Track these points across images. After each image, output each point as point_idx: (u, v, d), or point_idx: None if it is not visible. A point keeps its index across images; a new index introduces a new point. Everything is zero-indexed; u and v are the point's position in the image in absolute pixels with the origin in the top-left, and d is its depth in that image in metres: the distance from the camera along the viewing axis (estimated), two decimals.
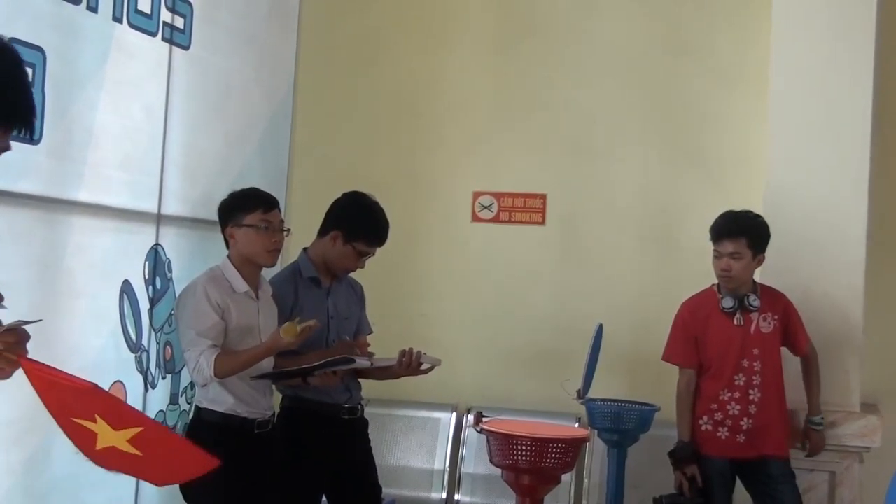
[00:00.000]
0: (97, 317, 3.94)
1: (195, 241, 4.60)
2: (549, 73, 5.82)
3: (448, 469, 5.57)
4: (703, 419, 4.47)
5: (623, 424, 4.65)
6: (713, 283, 4.55)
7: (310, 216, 4.23)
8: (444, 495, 5.52)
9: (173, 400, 4.51)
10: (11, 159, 2.17)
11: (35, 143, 3.41)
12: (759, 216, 4.50)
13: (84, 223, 3.84)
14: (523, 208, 5.83)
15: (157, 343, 4.37)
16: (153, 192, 4.34)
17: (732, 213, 4.48)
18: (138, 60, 4.16)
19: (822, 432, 4.62)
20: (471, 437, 5.50)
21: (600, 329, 4.84)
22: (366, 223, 4.04)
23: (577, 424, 5.22)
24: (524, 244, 5.81)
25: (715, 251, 4.45)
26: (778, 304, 4.51)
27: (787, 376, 4.52)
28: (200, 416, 3.62)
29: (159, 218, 4.37)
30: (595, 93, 5.75)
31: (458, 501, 5.51)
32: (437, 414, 5.69)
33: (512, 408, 5.40)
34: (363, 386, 4.24)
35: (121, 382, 4.08)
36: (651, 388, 4.97)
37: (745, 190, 5.19)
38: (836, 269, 4.85)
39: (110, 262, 4.00)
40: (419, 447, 5.63)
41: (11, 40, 3.25)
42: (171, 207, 4.45)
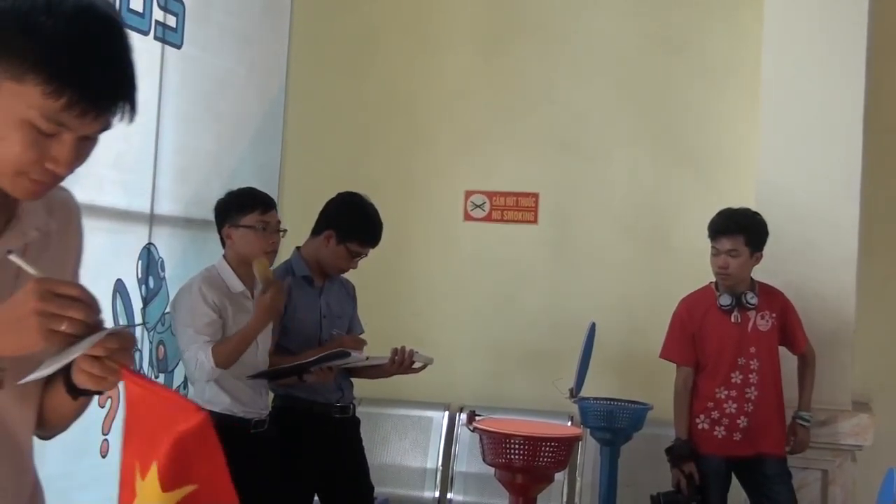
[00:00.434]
0: None
1: (188, 241, 4.60)
2: (540, 72, 5.82)
3: (441, 468, 5.57)
4: (700, 417, 4.46)
5: (616, 423, 4.65)
6: (711, 280, 4.55)
7: (302, 215, 4.24)
8: (437, 494, 5.51)
9: None
10: None
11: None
12: (757, 214, 4.49)
13: None
14: (515, 207, 5.83)
15: (150, 342, 4.36)
16: (146, 192, 4.34)
17: (730, 210, 4.47)
18: None
19: (808, 429, 4.60)
20: (463, 435, 5.49)
21: (593, 328, 4.84)
22: (359, 224, 4.04)
23: (569, 423, 5.22)
24: (516, 243, 5.81)
25: (712, 248, 4.44)
26: (776, 302, 4.51)
27: (785, 375, 4.53)
28: None
29: (152, 217, 4.36)
30: (587, 92, 5.75)
31: (450, 500, 5.51)
32: (429, 413, 5.69)
33: (505, 406, 5.40)
34: (355, 385, 4.24)
35: None
36: (643, 387, 4.98)
37: (736, 189, 5.20)
38: (827, 268, 4.86)
39: (103, 262, 3.99)
40: (412, 446, 5.63)
41: None
42: (164, 207, 4.45)
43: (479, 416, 4.23)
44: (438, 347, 4.71)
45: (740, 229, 4.39)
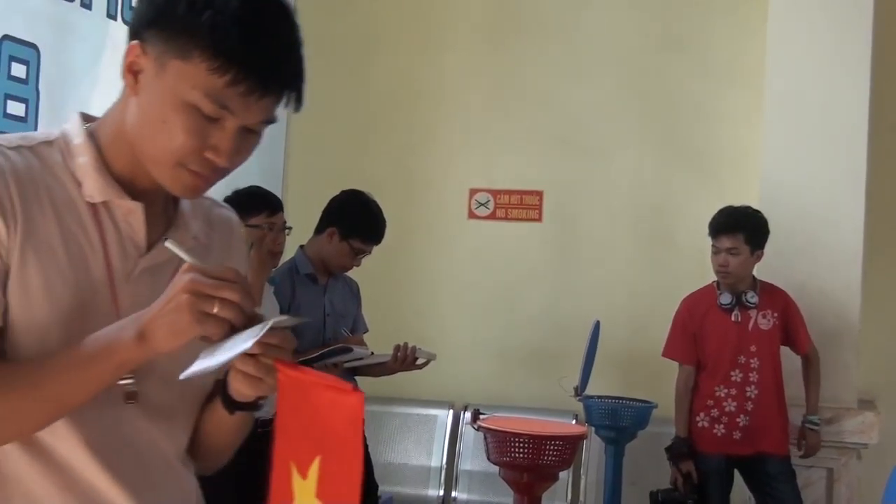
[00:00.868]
0: None
1: None
2: (544, 69, 5.81)
3: (445, 466, 5.56)
4: (700, 415, 4.46)
5: (620, 421, 4.65)
6: (713, 279, 4.55)
7: (306, 213, 4.22)
8: (441, 492, 5.51)
9: None
10: None
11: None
12: (757, 211, 4.48)
13: None
14: (520, 205, 5.82)
15: None
16: None
17: (730, 208, 4.48)
18: None
19: (819, 432, 4.59)
20: (468, 434, 5.49)
21: (597, 326, 4.83)
22: (362, 221, 4.03)
23: (574, 421, 5.22)
24: (521, 241, 5.80)
25: (713, 247, 4.44)
26: (778, 301, 4.50)
27: (786, 374, 4.51)
28: None
29: None
30: (591, 89, 5.74)
31: (455, 499, 5.50)
32: (433, 411, 5.68)
33: (509, 405, 5.40)
34: (359, 383, 4.23)
35: None
36: (648, 385, 4.97)
37: (740, 187, 5.18)
38: (832, 266, 4.85)
39: None
40: (416, 444, 5.63)
41: (5, 37, 3.27)
42: None
43: (483, 414, 4.22)
44: (443, 346, 4.69)
45: (740, 227, 4.38)
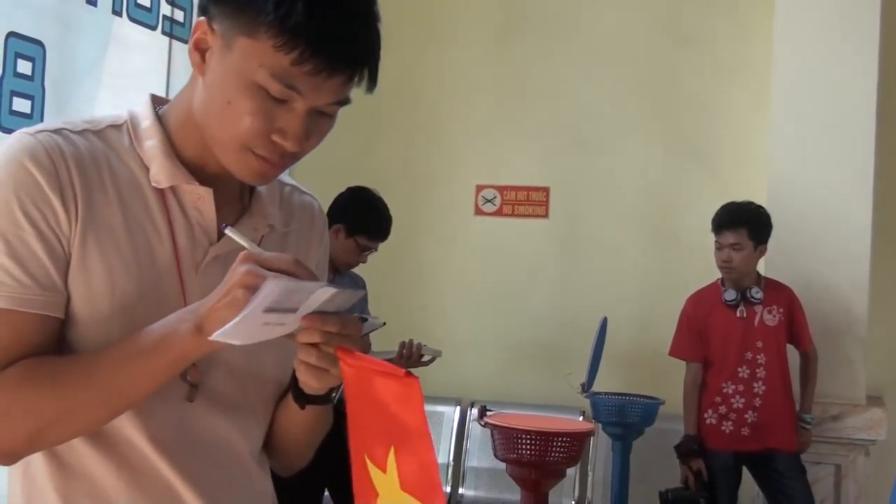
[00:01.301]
0: None
1: None
2: (550, 66, 5.80)
3: (452, 463, 5.56)
4: (708, 413, 4.45)
5: (627, 418, 4.63)
6: (719, 276, 4.54)
7: None
8: (449, 489, 5.50)
9: None
10: None
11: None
12: (760, 207, 4.48)
13: None
14: (526, 201, 5.81)
15: None
16: None
17: (733, 203, 4.48)
18: (138, 54, 4.14)
19: (810, 431, 4.57)
20: (475, 431, 5.49)
21: (605, 322, 4.82)
22: (368, 217, 4.03)
23: (581, 418, 5.21)
24: (527, 238, 5.80)
25: (716, 242, 4.44)
26: (783, 297, 4.49)
27: (794, 370, 4.50)
28: None
29: None
30: (597, 85, 5.73)
31: (462, 495, 5.50)
32: (440, 408, 5.68)
33: (516, 402, 5.39)
34: None
35: None
36: (655, 382, 4.96)
37: (747, 183, 5.17)
38: (840, 262, 4.83)
39: None
40: None
41: (10, 34, 3.27)
42: None
43: (490, 410, 4.22)
44: (449, 342, 4.69)
45: (743, 223, 4.38)
